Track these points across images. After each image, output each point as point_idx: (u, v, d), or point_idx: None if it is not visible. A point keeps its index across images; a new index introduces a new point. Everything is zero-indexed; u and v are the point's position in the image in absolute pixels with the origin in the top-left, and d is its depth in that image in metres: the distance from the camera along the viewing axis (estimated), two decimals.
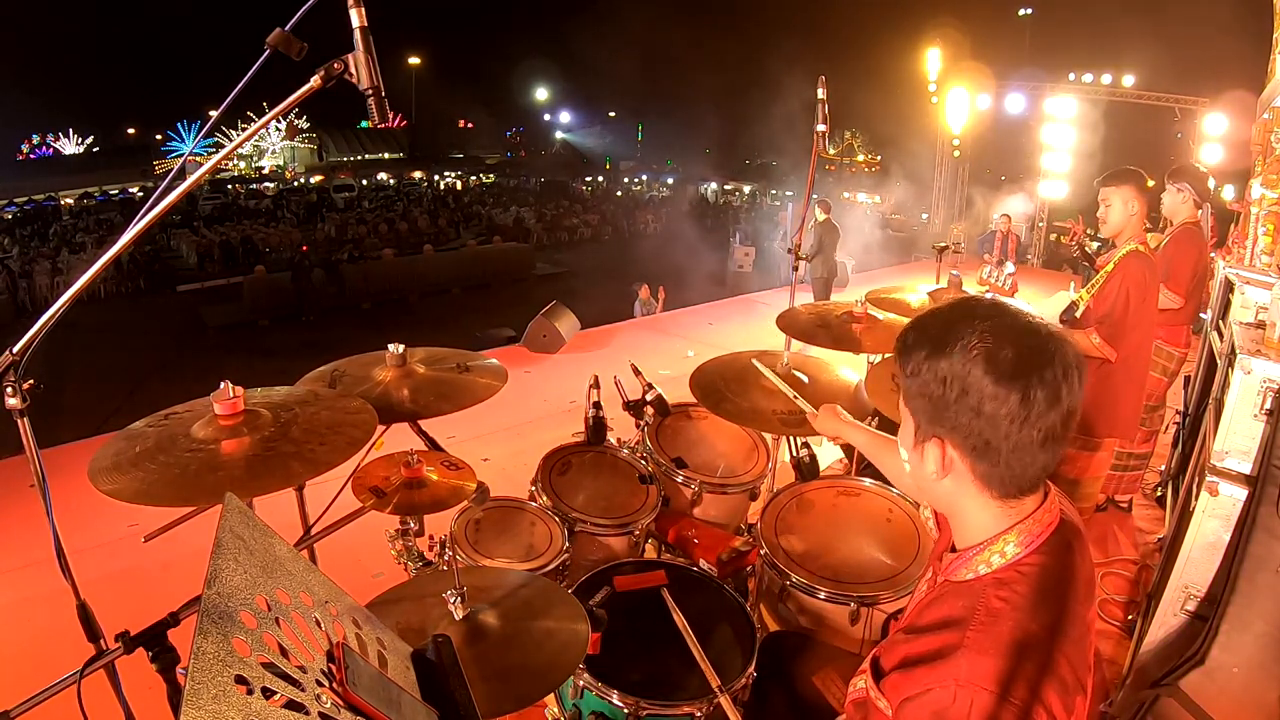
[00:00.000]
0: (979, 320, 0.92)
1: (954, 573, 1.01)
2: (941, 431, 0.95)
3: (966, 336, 0.91)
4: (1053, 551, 0.96)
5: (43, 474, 1.27)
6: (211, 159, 1.28)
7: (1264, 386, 2.00)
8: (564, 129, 44.90)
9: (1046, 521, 0.98)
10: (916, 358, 0.95)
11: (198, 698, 0.55)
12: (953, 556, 1.03)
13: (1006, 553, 0.96)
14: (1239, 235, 5.44)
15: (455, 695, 0.88)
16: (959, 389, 0.90)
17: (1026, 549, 0.96)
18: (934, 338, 0.94)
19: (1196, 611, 2.12)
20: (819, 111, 2.49)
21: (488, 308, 13.88)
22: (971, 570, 0.98)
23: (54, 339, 1.20)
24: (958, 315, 0.94)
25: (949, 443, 0.95)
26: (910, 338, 0.97)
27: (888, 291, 2.89)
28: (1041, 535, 0.97)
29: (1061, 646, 0.89)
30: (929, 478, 0.99)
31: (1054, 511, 0.99)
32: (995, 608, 0.91)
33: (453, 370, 2.13)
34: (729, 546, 2.21)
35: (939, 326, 0.94)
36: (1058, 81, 12.55)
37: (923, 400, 0.95)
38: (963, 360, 0.90)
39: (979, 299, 0.99)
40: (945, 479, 0.97)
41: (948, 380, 0.91)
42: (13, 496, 3.86)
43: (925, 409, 0.95)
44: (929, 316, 0.98)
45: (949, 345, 0.91)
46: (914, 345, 0.96)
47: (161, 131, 35.68)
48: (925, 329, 0.96)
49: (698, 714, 1.56)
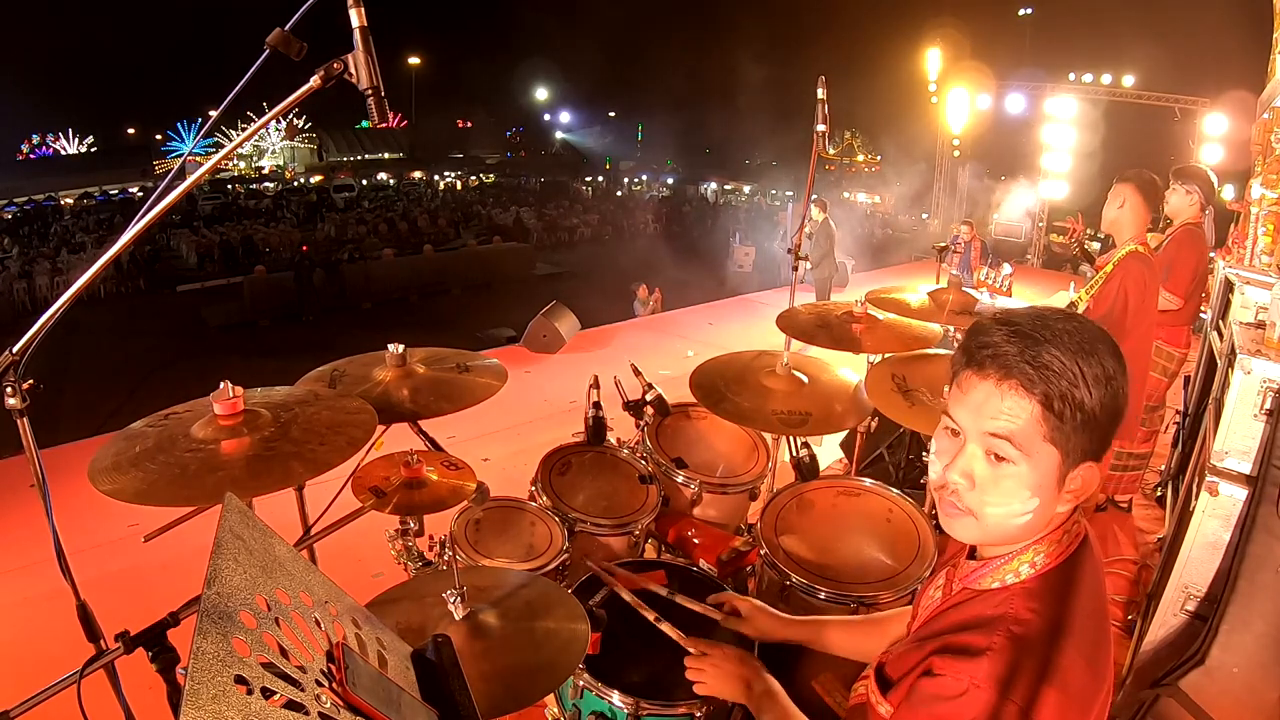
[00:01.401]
0: (1081, 321, 0.89)
1: (976, 580, 0.97)
2: (1097, 446, 0.89)
3: (1100, 340, 0.87)
4: (1079, 564, 0.94)
5: (43, 474, 1.27)
6: (211, 159, 1.28)
7: (1264, 386, 2.00)
8: (564, 129, 44.93)
9: (1076, 533, 0.95)
10: (1077, 370, 0.85)
11: (197, 698, 0.55)
12: (975, 564, 0.99)
13: (1036, 563, 0.93)
14: (1239, 235, 5.44)
15: (455, 695, 0.88)
16: (1114, 390, 0.87)
17: (1055, 560, 0.93)
18: (1083, 347, 0.86)
19: (1196, 611, 2.12)
20: (819, 111, 2.49)
21: (488, 308, 13.88)
22: (998, 579, 0.95)
23: (54, 339, 1.20)
24: (1038, 318, 0.89)
25: (1098, 456, 0.90)
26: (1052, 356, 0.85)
27: (888, 291, 2.88)
28: (1070, 546, 0.94)
29: (1087, 666, 0.87)
30: (1055, 507, 0.92)
31: (1082, 524, 0.97)
32: (1025, 618, 0.88)
33: (453, 370, 2.13)
34: (729, 546, 2.21)
35: (1071, 336, 0.86)
36: (1058, 81, 12.56)
37: (1090, 417, 0.86)
38: (1119, 363, 0.87)
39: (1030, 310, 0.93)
40: (1063, 504, 0.92)
41: (1121, 386, 0.87)
42: (13, 496, 3.86)
43: (1090, 425, 0.87)
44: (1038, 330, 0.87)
45: (1103, 352, 0.86)
46: (1061, 358, 0.85)
47: (161, 131, 35.73)
48: (1061, 344, 0.85)
49: (697, 714, 1.56)
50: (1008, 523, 0.91)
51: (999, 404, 0.88)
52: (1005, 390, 0.87)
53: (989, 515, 0.91)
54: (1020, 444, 0.87)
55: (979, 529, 0.93)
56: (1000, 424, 0.88)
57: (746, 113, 34.08)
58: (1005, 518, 0.91)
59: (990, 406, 0.88)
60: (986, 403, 0.89)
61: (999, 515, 0.91)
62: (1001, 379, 0.87)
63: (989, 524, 0.92)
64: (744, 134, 34.73)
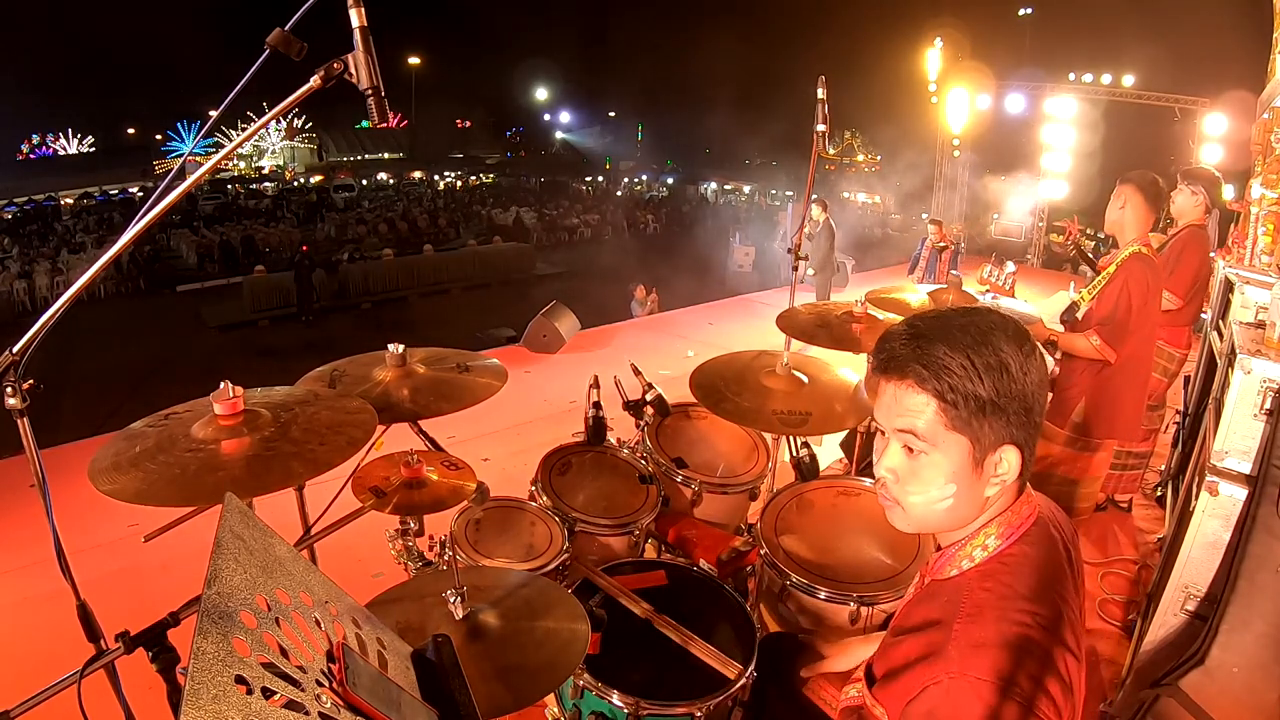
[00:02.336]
0: (981, 314, 0.95)
1: (939, 571, 1.02)
2: (1012, 429, 0.93)
3: (997, 330, 0.92)
4: (1035, 542, 0.97)
5: (43, 474, 1.27)
6: (211, 159, 1.28)
7: (1264, 386, 2.00)
8: (564, 129, 44.93)
9: (1026, 513, 0.99)
10: (964, 363, 0.91)
11: (198, 698, 0.55)
12: (937, 555, 1.04)
13: (989, 545, 0.97)
14: (1239, 235, 5.43)
15: (455, 695, 0.88)
16: (1029, 374, 0.91)
17: (1008, 540, 0.97)
18: (977, 340, 0.92)
19: (1196, 611, 2.12)
20: (819, 111, 2.49)
21: (488, 308, 13.89)
22: (955, 566, 0.99)
23: (54, 339, 1.20)
24: (942, 318, 0.96)
25: (1014, 439, 0.93)
26: (942, 353, 0.92)
27: (888, 291, 2.88)
28: (1022, 527, 0.98)
29: (1050, 634, 0.89)
30: (983, 492, 0.96)
31: (1032, 504, 1.00)
32: (980, 599, 0.92)
33: (453, 370, 2.13)
34: (729, 546, 2.21)
35: (966, 331, 0.92)
36: (1058, 81, 12.55)
37: (987, 403, 0.91)
38: (1019, 348, 0.91)
39: (935, 311, 1.00)
40: (994, 485, 0.96)
41: (1017, 369, 0.91)
42: (13, 496, 3.86)
43: (992, 410, 0.91)
44: (932, 331, 0.94)
45: (997, 341, 0.91)
46: (949, 354, 0.91)
47: (161, 131, 35.72)
48: (952, 340, 0.92)
49: (697, 714, 1.56)
50: (930, 509, 0.98)
51: (902, 402, 0.95)
52: (904, 389, 0.95)
53: (912, 503, 0.99)
54: (925, 436, 0.94)
55: (906, 517, 1.01)
56: (905, 420, 0.95)
57: (747, 113, 34.13)
58: (926, 504, 0.98)
59: (896, 405, 0.96)
60: (893, 402, 0.97)
61: (920, 502, 0.98)
62: (900, 379, 0.95)
63: (914, 511, 1.00)
64: (744, 134, 34.75)
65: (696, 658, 1.68)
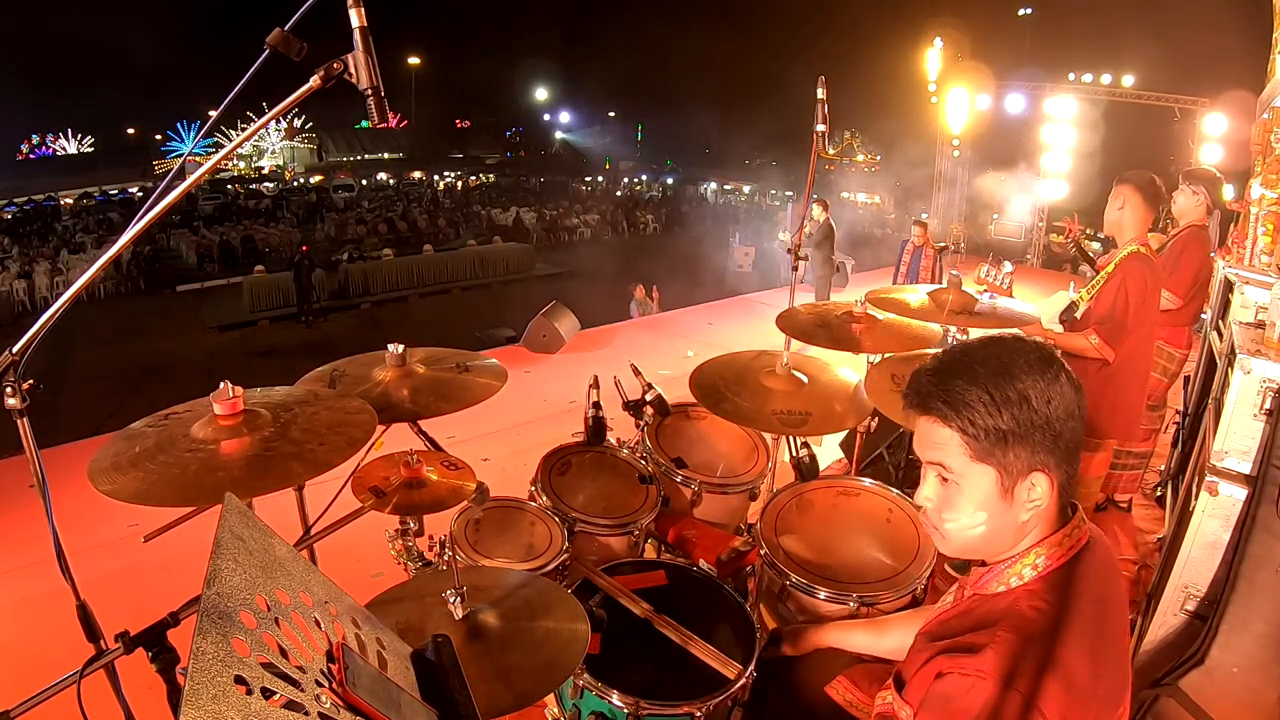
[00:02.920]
0: (1003, 344, 0.97)
1: (984, 586, 1.03)
2: (1041, 455, 0.95)
3: (1019, 358, 0.95)
4: (1085, 565, 0.98)
5: (43, 474, 1.27)
6: (211, 159, 1.28)
7: (1264, 386, 2.00)
8: (564, 129, 44.91)
9: (1077, 536, 1.00)
10: (983, 397, 0.94)
11: (197, 698, 0.55)
12: (982, 570, 1.05)
13: (1039, 564, 0.98)
14: (1239, 235, 5.43)
15: (455, 695, 0.88)
16: (1053, 401, 0.94)
17: (1056, 561, 0.97)
18: (996, 372, 0.95)
19: (1196, 611, 2.12)
20: (819, 111, 2.49)
21: (488, 308, 13.89)
22: (1003, 583, 1.00)
23: (54, 339, 1.20)
24: (987, 345, 0.98)
25: (1048, 470, 0.95)
26: (960, 389, 0.95)
27: (888, 291, 2.88)
28: (1073, 549, 0.99)
29: (1089, 658, 0.90)
30: (1018, 518, 0.98)
31: (1083, 528, 1.01)
32: (1028, 615, 0.93)
33: (453, 370, 2.13)
34: (729, 546, 2.21)
35: (985, 364, 0.96)
36: (1058, 81, 12.55)
37: (1009, 434, 0.94)
38: (1042, 376, 0.94)
39: (960, 344, 1.03)
40: (1028, 511, 0.97)
41: (1039, 398, 0.93)
42: (13, 496, 3.86)
43: (1015, 441, 0.94)
44: (952, 367, 0.98)
45: (1018, 371, 0.94)
46: (968, 389, 0.95)
47: (161, 131, 35.71)
48: (971, 375, 0.96)
49: (697, 714, 1.56)
50: (965, 534, 1.01)
51: (930, 436, 1.00)
52: (930, 424, 1.00)
53: (948, 530, 1.03)
54: (952, 467, 0.98)
55: (946, 542, 1.05)
56: (934, 453, 1.00)
57: (746, 113, 34.12)
58: (960, 530, 1.01)
59: (926, 439, 1.01)
60: (924, 435, 1.02)
61: (954, 529, 1.02)
62: (926, 414, 1.00)
63: (951, 537, 1.03)
64: (744, 134, 34.73)
65: (696, 658, 1.68)
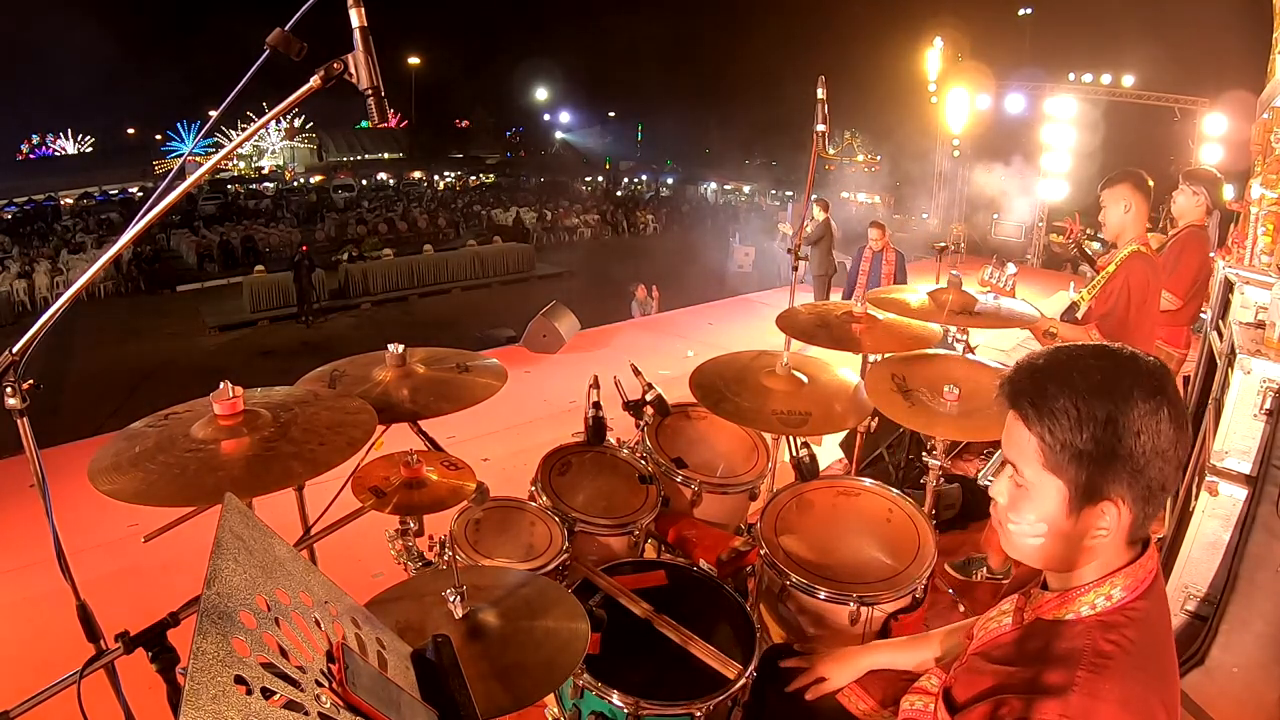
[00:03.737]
0: (1122, 358, 0.91)
1: (1049, 611, 1.00)
2: (1117, 486, 0.90)
3: (1127, 380, 0.89)
4: (1154, 598, 0.96)
5: (43, 474, 1.27)
6: (211, 159, 1.28)
7: (1264, 386, 2.00)
8: (564, 129, 44.90)
9: (1150, 568, 0.97)
10: (1070, 410, 0.89)
11: (197, 698, 0.55)
12: (1049, 595, 1.01)
13: (1113, 596, 0.95)
14: (1239, 235, 5.43)
15: (455, 695, 0.88)
16: (1136, 429, 0.88)
17: (1131, 594, 0.95)
18: (1095, 388, 0.89)
19: (1196, 611, 2.12)
20: (819, 111, 2.49)
21: (488, 308, 13.89)
22: (1072, 611, 0.97)
23: (54, 339, 1.20)
24: (1098, 355, 0.92)
25: (1123, 500, 0.91)
26: (1051, 394, 0.91)
27: (887, 291, 2.88)
28: (1145, 581, 0.96)
29: (1164, 698, 0.89)
30: (1082, 541, 0.95)
31: (1155, 560, 0.98)
32: (1105, 650, 0.90)
33: (453, 370, 2.13)
34: (729, 546, 2.21)
35: (1086, 375, 0.90)
36: (1058, 81, 12.55)
37: (1085, 454, 0.90)
38: (1128, 398, 0.88)
39: (1088, 345, 0.96)
40: (1097, 538, 0.94)
41: (1118, 423, 0.88)
42: (13, 496, 3.86)
43: (1095, 463, 0.90)
44: (1052, 365, 0.93)
45: (1117, 393, 0.88)
46: (1059, 396, 0.90)
47: (161, 131, 35.71)
48: (1069, 383, 0.90)
49: (697, 714, 1.56)
50: (1023, 541, 0.99)
51: (1012, 433, 0.97)
52: (1015, 421, 0.96)
53: (1009, 530, 1.01)
54: (1023, 470, 0.96)
55: (1007, 542, 1.03)
56: (1012, 452, 0.98)
57: (746, 113, 34.13)
58: (1019, 535, 0.99)
59: (1009, 434, 0.98)
60: (1008, 430, 0.99)
61: (1015, 532, 1.00)
62: (1014, 410, 0.96)
63: (1010, 539, 1.01)
64: (744, 134, 34.73)
65: (696, 658, 1.68)
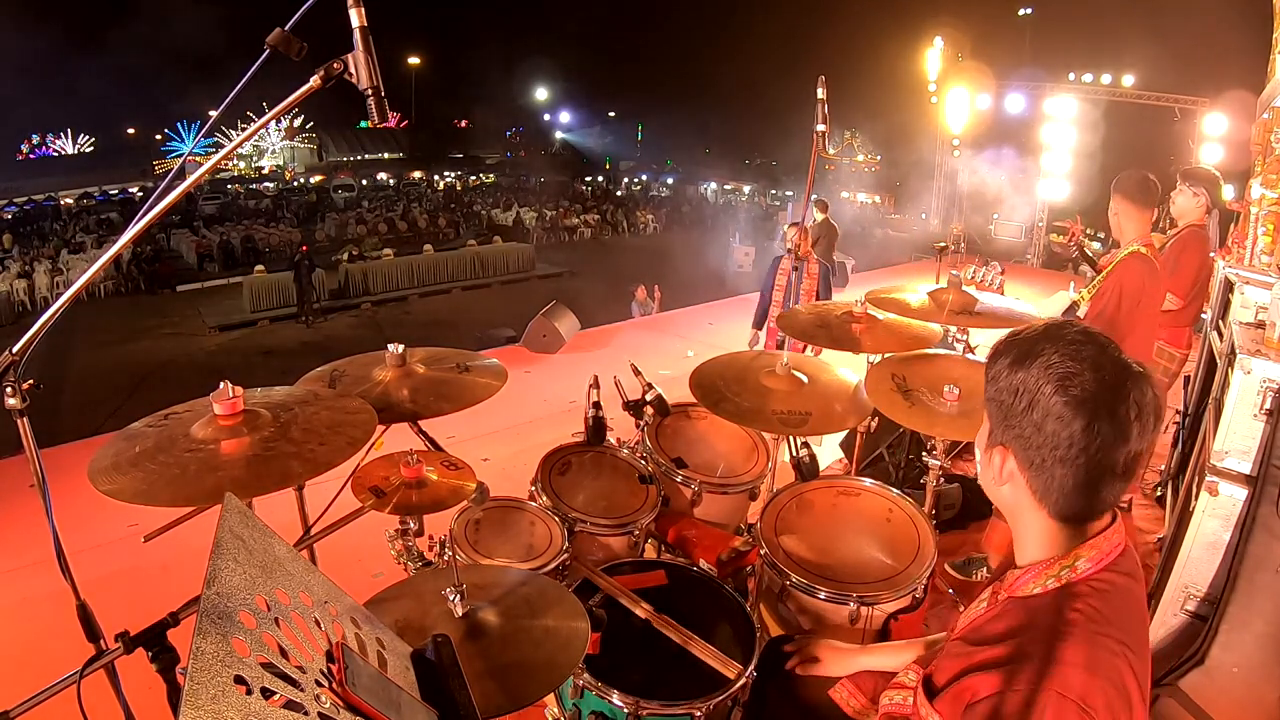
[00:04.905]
0: (1064, 343, 0.93)
1: (1018, 588, 1.01)
2: (1007, 439, 0.97)
3: (1048, 354, 0.93)
4: (1124, 572, 0.97)
5: (43, 474, 1.27)
6: (211, 159, 1.28)
7: (1264, 386, 2.00)
8: (564, 129, 44.87)
9: (1115, 542, 0.98)
10: (1000, 364, 0.98)
11: (197, 698, 0.55)
12: (1017, 572, 1.03)
13: (1078, 568, 0.96)
14: (1239, 235, 5.43)
15: (455, 695, 0.88)
16: (1027, 401, 0.93)
17: (1097, 565, 0.96)
18: (1019, 350, 0.96)
19: (1196, 611, 2.12)
20: (819, 111, 2.49)
21: (488, 308, 13.90)
22: (1039, 584, 0.98)
23: (54, 339, 1.20)
24: (1047, 334, 0.96)
25: (1011, 451, 0.97)
26: (999, 347, 1.00)
27: (887, 291, 2.88)
28: (1111, 554, 0.97)
29: (1132, 664, 0.89)
30: (991, 482, 1.02)
31: (1121, 533, 1.00)
32: (1070, 617, 0.91)
33: (453, 370, 2.13)
34: (729, 546, 2.21)
35: (1026, 341, 0.97)
36: (1058, 81, 12.56)
37: (995, 405, 0.98)
38: (1039, 375, 0.92)
39: (1073, 324, 0.99)
40: (1004, 486, 1.00)
41: (1019, 391, 0.94)
42: (13, 496, 3.86)
43: (996, 414, 0.98)
44: (1022, 330, 1.01)
45: (1030, 359, 0.94)
46: (1001, 352, 0.99)
47: (161, 131, 35.68)
48: (1013, 341, 0.98)
49: (697, 714, 1.56)
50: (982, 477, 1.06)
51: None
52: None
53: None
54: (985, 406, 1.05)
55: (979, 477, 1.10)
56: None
57: (746, 112, 34.13)
58: (980, 466, 1.06)
59: None
60: None
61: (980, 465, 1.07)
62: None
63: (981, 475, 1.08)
64: (744, 134, 34.72)
65: (696, 658, 1.68)
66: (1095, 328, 0.98)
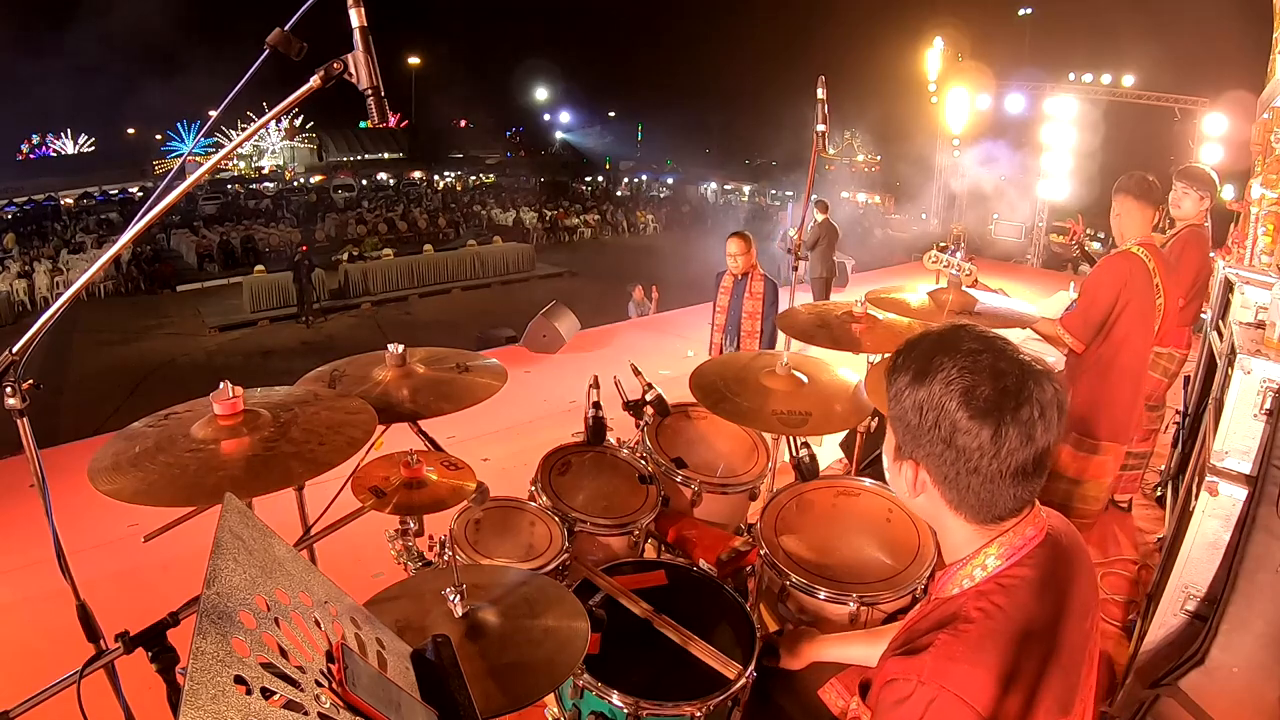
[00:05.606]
0: (961, 355, 0.92)
1: (942, 589, 1.03)
2: (917, 455, 0.97)
3: (947, 369, 0.92)
4: (1038, 564, 0.97)
5: (43, 474, 1.27)
6: (211, 159, 1.28)
7: (1264, 386, 2.00)
8: (564, 129, 44.86)
9: (1029, 535, 0.98)
10: (900, 381, 0.97)
11: (197, 698, 0.55)
12: (941, 573, 1.04)
13: (988, 565, 0.97)
14: (1239, 235, 5.43)
15: (455, 695, 0.88)
16: (933, 419, 0.92)
17: (1008, 561, 0.97)
18: (917, 366, 0.95)
19: (1196, 611, 2.12)
20: (819, 111, 2.49)
21: (488, 308, 13.90)
22: (956, 585, 0.99)
23: (54, 339, 1.20)
24: (942, 345, 0.95)
25: (922, 466, 0.97)
26: (898, 361, 0.99)
27: (887, 291, 2.88)
28: (1024, 548, 0.97)
29: (1040, 659, 0.90)
30: (905, 493, 1.02)
31: (1038, 524, 0.99)
32: (971, 615, 0.92)
33: (453, 370, 2.13)
34: (729, 546, 2.21)
35: (923, 356, 0.95)
36: (1058, 81, 12.55)
37: (900, 424, 0.98)
38: (941, 392, 0.92)
39: (968, 329, 0.97)
40: (919, 496, 1.00)
41: (924, 409, 0.93)
42: (13, 496, 3.86)
43: (903, 432, 0.98)
44: (917, 341, 0.99)
45: (929, 375, 0.93)
46: (900, 369, 0.98)
47: (161, 131, 35.67)
48: (910, 355, 0.97)
49: (697, 714, 1.56)
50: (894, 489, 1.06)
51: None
52: None
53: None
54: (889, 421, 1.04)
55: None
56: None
57: (746, 112, 34.14)
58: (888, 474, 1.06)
59: None
60: None
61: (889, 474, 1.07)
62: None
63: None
64: (744, 134, 34.73)
65: (696, 658, 1.68)
66: (992, 331, 0.97)
